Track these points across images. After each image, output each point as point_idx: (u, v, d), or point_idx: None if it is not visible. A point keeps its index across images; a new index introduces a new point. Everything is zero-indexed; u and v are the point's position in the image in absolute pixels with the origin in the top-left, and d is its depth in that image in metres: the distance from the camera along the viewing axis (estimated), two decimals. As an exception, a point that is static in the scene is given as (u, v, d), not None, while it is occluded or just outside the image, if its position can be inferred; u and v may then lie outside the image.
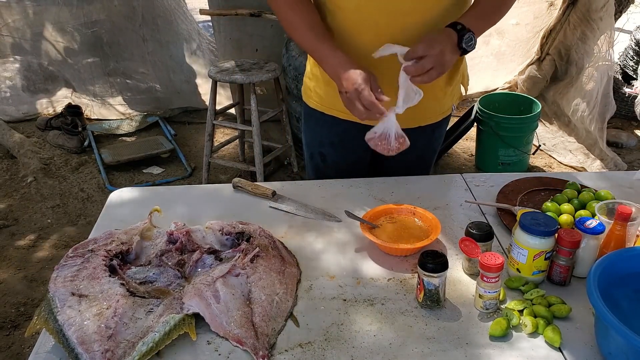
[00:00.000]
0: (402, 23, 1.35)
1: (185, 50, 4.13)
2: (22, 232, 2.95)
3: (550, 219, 1.12)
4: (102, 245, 1.20)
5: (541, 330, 1.03)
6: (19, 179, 3.40)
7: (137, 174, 3.50)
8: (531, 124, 3.28)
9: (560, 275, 1.14)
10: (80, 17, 3.89)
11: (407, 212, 1.35)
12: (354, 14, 1.37)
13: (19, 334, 2.32)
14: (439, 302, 1.09)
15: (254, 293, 1.09)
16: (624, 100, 3.92)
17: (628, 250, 1.08)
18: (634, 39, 4.04)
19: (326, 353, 1.00)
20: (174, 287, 1.12)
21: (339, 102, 1.37)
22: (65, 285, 1.08)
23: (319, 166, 1.67)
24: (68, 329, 0.99)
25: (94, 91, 4.14)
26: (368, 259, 1.25)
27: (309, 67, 1.59)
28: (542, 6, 3.95)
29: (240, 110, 3.34)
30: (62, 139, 3.71)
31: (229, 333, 1.02)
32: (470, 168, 3.52)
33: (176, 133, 3.95)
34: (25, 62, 4.08)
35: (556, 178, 1.53)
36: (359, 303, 1.12)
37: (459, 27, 1.30)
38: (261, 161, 3.09)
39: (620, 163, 3.37)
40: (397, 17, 1.34)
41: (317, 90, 1.56)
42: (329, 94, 1.51)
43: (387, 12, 1.34)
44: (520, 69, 4.21)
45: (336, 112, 1.53)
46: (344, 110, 1.38)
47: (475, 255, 1.10)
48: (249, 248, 1.19)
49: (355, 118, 1.36)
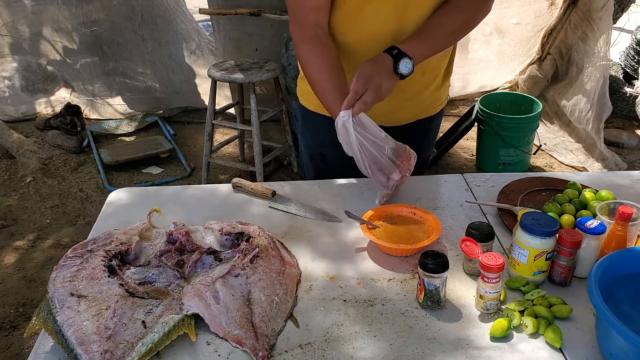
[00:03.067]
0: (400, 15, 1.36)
1: (184, 49, 4.12)
2: (21, 232, 2.95)
3: (551, 219, 1.12)
4: (101, 245, 1.19)
5: (542, 330, 1.02)
6: (18, 179, 3.40)
7: (137, 174, 3.50)
8: (532, 124, 3.27)
9: (561, 275, 1.14)
10: (79, 17, 3.88)
11: (408, 212, 1.34)
12: (355, 22, 1.38)
13: (18, 334, 2.31)
14: (439, 303, 1.09)
15: (254, 294, 1.09)
16: (624, 100, 3.91)
17: (629, 251, 1.08)
18: (635, 38, 4.04)
19: (326, 354, 1.00)
20: (173, 287, 1.12)
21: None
22: (64, 286, 1.08)
23: (320, 167, 1.66)
24: (67, 329, 0.99)
25: (93, 91, 4.13)
26: (368, 259, 1.24)
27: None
28: (543, 5, 3.94)
29: (240, 110, 3.34)
30: (61, 139, 3.70)
31: (228, 334, 1.01)
32: (470, 168, 3.52)
33: (175, 133, 3.94)
34: (24, 62, 4.07)
35: (557, 178, 1.52)
36: (359, 304, 1.11)
37: (395, 51, 1.31)
38: (261, 161, 3.09)
39: (620, 163, 3.36)
40: (402, 37, 1.36)
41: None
42: None
43: (391, 36, 1.36)
44: (521, 69, 4.20)
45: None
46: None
47: (475, 255, 1.09)
48: (249, 248, 1.19)
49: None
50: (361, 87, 1.27)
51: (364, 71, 1.29)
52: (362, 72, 1.29)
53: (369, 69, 1.30)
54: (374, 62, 1.31)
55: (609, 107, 3.39)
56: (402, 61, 1.31)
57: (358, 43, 1.42)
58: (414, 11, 1.36)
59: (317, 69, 1.40)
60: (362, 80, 1.28)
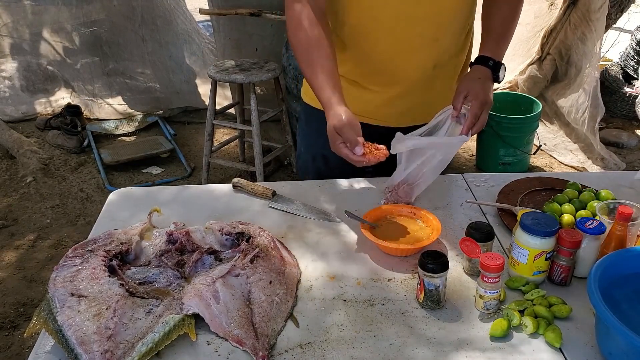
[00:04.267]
0: (419, 29, 1.37)
1: (184, 50, 4.13)
2: (21, 232, 2.95)
3: (551, 219, 1.12)
4: (101, 245, 1.19)
5: (542, 330, 1.02)
6: (18, 179, 3.40)
7: (137, 174, 3.50)
8: (532, 124, 3.27)
9: (560, 275, 1.14)
10: (79, 17, 3.89)
11: (408, 212, 1.34)
12: (370, 23, 1.38)
13: (18, 334, 2.31)
14: (439, 303, 1.09)
15: (254, 293, 1.09)
16: (624, 100, 3.91)
17: (629, 251, 1.08)
18: (635, 38, 4.03)
19: (326, 354, 1.00)
20: (173, 287, 1.12)
21: (349, 101, 1.39)
22: (64, 286, 1.08)
23: (321, 170, 1.65)
24: (67, 329, 0.99)
25: (93, 91, 4.13)
26: (368, 259, 1.24)
27: None
28: (543, 6, 3.94)
29: (240, 110, 3.34)
30: (61, 139, 3.70)
31: (228, 333, 1.02)
32: (470, 168, 3.52)
33: (176, 133, 3.94)
34: (25, 62, 4.08)
35: (557, 178, 1.52)
36: (359, 303, 1.11)
37: (491, 63, 1.38)
38: (261, 161, 3.09)
39: (619, 163, 3.37)
40: (413, 22, 1.36)
41: None
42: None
43: (403, 19, 1.36)
44: (521, 69, 4.20)
45: None
46: (355, 110, 1.39)
47: (475, 255, 1.09)
48: (249, 248, 1.19)
49: (368, 118, 1.47)
50: (479, 109, 1.34)
51: (474, 90, 1.34)
52: (473, 92, 1.34)
53: (478, 87, 1.35)
54: (478, 80, 1.36)
55: (602, 108, 3.40)
56: (500, 70, 1.39)
57: (363, 26, 1.40)
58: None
59: (307, 34, 1.33)
60: (478, 102, 1.33)
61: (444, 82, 1.51)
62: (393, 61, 1.44)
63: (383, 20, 1.36)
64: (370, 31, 1.40)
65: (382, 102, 1.51)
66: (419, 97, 1.50)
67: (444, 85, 1.51)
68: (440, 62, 1.46)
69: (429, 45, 1.41)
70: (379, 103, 1.51)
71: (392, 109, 1.51)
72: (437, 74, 1.48)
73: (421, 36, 1.39)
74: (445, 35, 1.42)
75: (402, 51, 1.42)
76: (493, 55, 1.39)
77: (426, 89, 1.49)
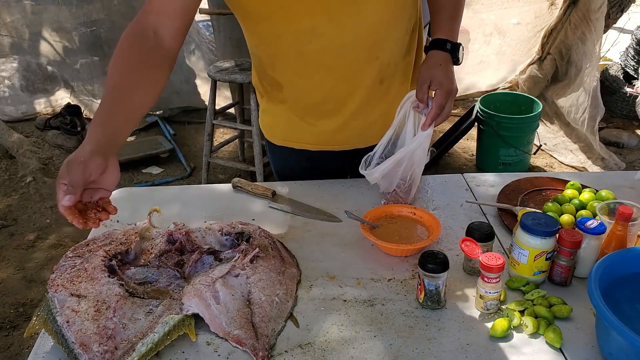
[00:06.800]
0: (351, 55, 1.28)
1: (184, 49, 4.12)
2: (21, 232, 2.95)
3: (551, 219, 1.12)
4: (101, 245, 1.19)
5: (542, 330, 1.02)
6: (18, 179, 3.40)
7: (137, 174, 3.50)
8: (532, 124, 3.27)
9: (561, 275, 1.14)
10: (79, 17, 3.88)
11: (408, 212, 1.34)
12: (298, 60, 1.30)
13: (17, 334, 2.31)
14: (439, 303, 1.09)
15: (254, 294, 1.09)
16: (624, 100, 3.91)
17: (629, 251, 1.08)
18: (635, 38, 4.03)
19: (326, 354, 0.99)
20: (173, 287, 1.11)
21: (305, 135, 1.38)
22: (64, 286, 1.07)
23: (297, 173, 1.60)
24: (67, 329, 0.99)
25: (93, 91, 4.13)
26: (368, 259, 1.24)
27: (263, 104, 1.51)
28: (543, 5, 3.95)
29: (240, 109, 3.34)
30: (61, 139, 3.70)
31: (228, 334, 1.01)
32: (470, 168, 3.52)
33: (175, 133, 3.94)
34: (24, 62, 4.08)
35: (557, 178, 1.52)
36: (359, 304, 1.11)
37: (449, 45, 1.27)
38: (261, 161, 3.09)
39: (620, 162, 3.37)
40: (344, 50, 1.27)
41: (278, 127, 1.51)
42: (292, 128, 1.46)
43: (332, 50, 1.27)
44: (521, 69, 4.21)
45: (305, 144, 1.49)
46: (313, 142, 1.40)
47: (476, 255, 1.09)
48: (249, 248, 1.19)
49: (328, 146, 1.43)
50: (443, 98, 1.22)
51: (437, 78, 1.23)
52: (436, 80, 1.23)
53: (441, 75, 1.23)
54: (440, 67, 1.24)
55: (602, 108, 3.40)
56: (459, 51, 1.27)
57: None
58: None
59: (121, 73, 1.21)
60: (443, 92, 1.22)
61: (398, 88, 1.42)
62: (334, 90, 1.35)
63: (310, 55, 1.27)
64: (299, 68, 1.32)
65: (336, 128, 1.43)
66: (374, 112, 1.41)
67: (398, 92, 1.40)
68: (387, 74, 1.37)
69: (369, 65, 1.31)
70: (334, 129, 1.43)
71: (348, 131, 1.44)
72: (387, 85, 1.39)
73: (356, 60, 1.29)
74: (384, 50, 1.32)
75: (341, 79, 1.33)
76: (448, 37, 1.27)
77: (379, 102, 1.40)
